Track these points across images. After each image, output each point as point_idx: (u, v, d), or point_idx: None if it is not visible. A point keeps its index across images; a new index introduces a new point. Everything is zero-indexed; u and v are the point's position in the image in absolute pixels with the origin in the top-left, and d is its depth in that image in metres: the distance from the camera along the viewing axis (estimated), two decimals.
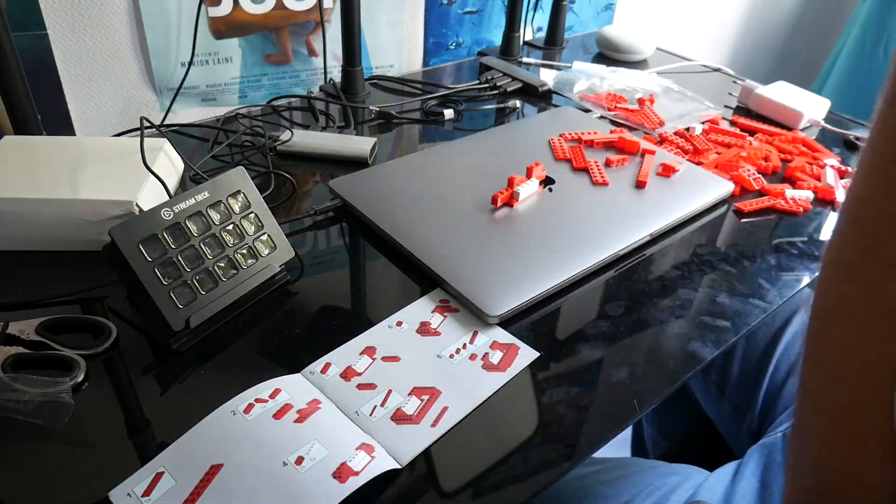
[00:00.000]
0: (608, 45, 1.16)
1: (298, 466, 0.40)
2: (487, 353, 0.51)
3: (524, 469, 0.44)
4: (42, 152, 0.64)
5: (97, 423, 0.45)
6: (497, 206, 0.66)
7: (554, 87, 0.98)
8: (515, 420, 0.47)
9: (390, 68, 1.07)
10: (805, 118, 0.90)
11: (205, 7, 0.85)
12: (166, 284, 0.50)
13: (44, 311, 0.52)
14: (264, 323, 0.54)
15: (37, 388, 0.44)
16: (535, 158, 0.73)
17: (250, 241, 0.56)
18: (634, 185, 0.72)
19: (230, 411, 0.44)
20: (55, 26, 0.77)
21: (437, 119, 0.89)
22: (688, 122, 0.89)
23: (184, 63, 0.86)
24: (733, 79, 1.09)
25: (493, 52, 1.14)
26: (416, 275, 0.60)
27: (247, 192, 0.57)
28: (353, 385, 0.48)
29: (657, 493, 0.58)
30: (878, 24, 1.57)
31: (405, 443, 0.44)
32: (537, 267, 0.58)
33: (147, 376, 0.49)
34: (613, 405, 0.50)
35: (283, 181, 0.73)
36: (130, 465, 0.41)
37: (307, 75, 0.99)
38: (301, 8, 0.92)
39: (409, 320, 0.54)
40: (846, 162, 0.83)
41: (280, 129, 0.80)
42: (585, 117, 0.88)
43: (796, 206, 0.72)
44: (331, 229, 0.67)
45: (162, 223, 0.51)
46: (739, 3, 1.72)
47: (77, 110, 0.83)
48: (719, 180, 0.74)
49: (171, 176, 0.66)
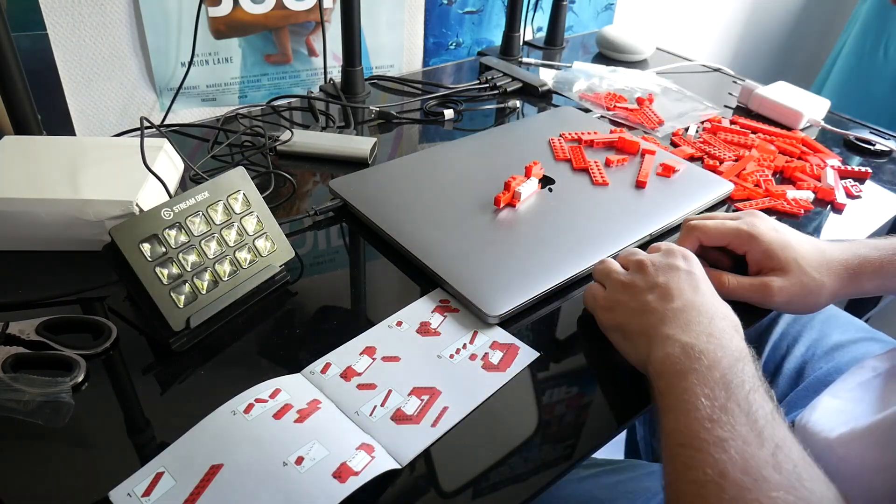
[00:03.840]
0: (608, 45, 1.16)
1: (298, 466, 0.40)
2: (487, 353, 0.51)
3: (524, 469, 0.44)
4: (42, 152, 0.64)
5: (97, 423, 0.45)
6: (500, 206, 0.66)
7: (554, 87, 0.98)
8: (515, 420, 0.47)
9: (390, 68, 1.07)
10: (805, 118, 0.90)
11: (205, 7, 0.85)
12: (166, 284, 0.50)
13: (44, 311, 0.52)
14: (264, 323, 0.54)
15: (37, 388, 0.44)
16: (535, 158, 0.73)
17: (250, 241, 0.56)
18: (634, 186, 0.72)
19: (230, 411, 0.44)
20: (55, 26, 0.77)
21: (437, 119, 0.89)
22: (687, 122, 0.89)
23: (184, 63, 0.86)
24: (733, 79, 1.09)
25: (493, 52, 1.14)
26: (416, 275, 0.60)
27: (247, 192, 0.57)
28: (353, 385, 0.48)
29: (655, 499, 0.58)
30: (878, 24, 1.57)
31: (405, 443, 0.44)
32: (537, 267, 0.58)
33: (147, 376, 0.49)
34: (613, 405, 0.50)
35: (283, 181, 0.73)
36: (130, 465, 0.41)
37: (307, 75, 0.99)
38: (301, 8, 0.92)
39: (409, 320, 0.54)
40: (846, 162, 0.83)
41: (280, 129, 0.80)
42: (585, 117, 0.88)
43: (797, 207, 0.72)
44: (331, 229, 0.67)
45: (162, 223, 0.51)
46: (739, 3, 1.72)
47: (77, 110, 0.83)
48: (719, 180, 0.74)
49: (171, 176, 0.66)
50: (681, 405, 0.39)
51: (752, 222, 0.56)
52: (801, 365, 0.70)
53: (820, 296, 0.54)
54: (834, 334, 0.72)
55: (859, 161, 0.85)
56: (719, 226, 0.56)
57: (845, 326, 0.74)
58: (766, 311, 0.56)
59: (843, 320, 0.75)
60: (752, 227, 0.55)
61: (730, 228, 0.56)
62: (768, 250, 0.54)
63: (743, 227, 0.55)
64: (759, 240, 0.54)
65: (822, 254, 0.54)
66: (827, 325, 0.74)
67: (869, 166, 0.82)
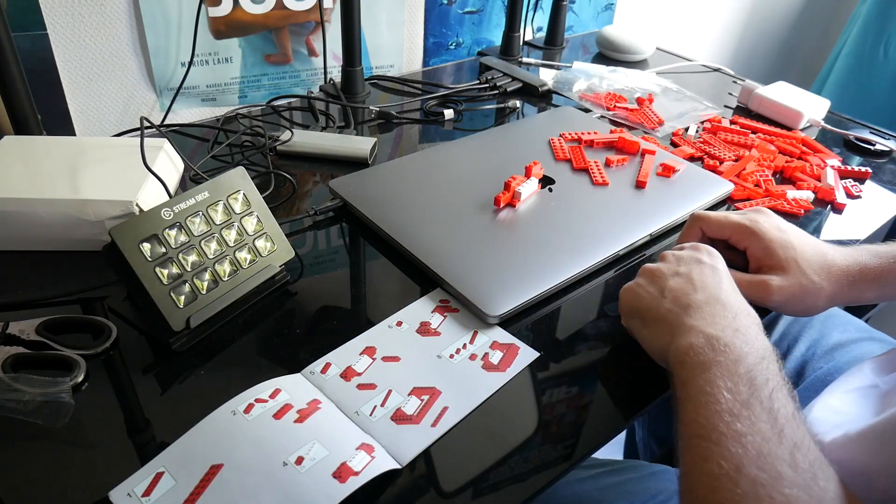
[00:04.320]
0: (608, 45, 1.16)
1: (298, 466, 0.40)
2: (487, 353, 0.51)
3: (524, 469, 0.44)
4: (42, 152, 0.64)
5: (97, 423, 0.45)
6: (500, 206, 0.66)
7: (554, 87, 0.98)
8: (515, 420, 0.47)
9: (390, 68, 1.07)
10: (805, 118, 0.90)
11: (205, 7, 0.85)
12: (166, 284, 0.50)
13: (44, 311, 0.52)
14: (264, 323, 0.54)
15: (37, 388, 0.44)
16: (535, 158, 0.73)
17: (250, 241, 0.56)
18: (634, 186, 0.72)
19: (230, 411, 0.44)
20: (55, 26, 0.77)
21: (437, 119, 0.89)
22: (686, 122, 0.89)
23: (184, 63, 0.86)
24: (733, 79, 1.09)
25: (493, 52, 1.14)
26: (416, 275, 0.60)
27: (247, 192, 0.57)
28: (353, 385, 0.48)
29: (655, 499, 0.58)
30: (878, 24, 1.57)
31: (405, 443, 0.44)
32: (537, 267, 0.58)
33: (147, 376, 0.49)
34: (613, 405, 0.50)
35: (283, 181, 0.73)
36: (130, 465, 0.41)
37: (307, 75, 0.99)
38: (301, 8, 0.92)
39: (409, 320, 0.54)
40: (846, 162, 0.83)
41: (280, 129, 0.80)
42: (585, 117, 0.88)
43: (797, 208, 0.72)
44: (331, 229, 0.67)
45: (162, 223, 0.51)
46: (739, 3, 1.72)
47: (77, 110, 0.83)
48: (719, 180, 0.74)
49: (171, 176, 0.66)
50: (701, 396, 0.39)
51: (754, 218, 0.55)
52: (801, 364, 0.70)
53: (818, 299, 0.53)
54: (834, 334, 0.72)
55: (859, 161, 0.85)
56: (721, 218, 0.56)
57: (845, 326, 0.74)
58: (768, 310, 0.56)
59: (843, 320, 0.76)
60: (755, 223, 0.55)
61: (732, 222, 0.56)
62: (769, 248, 0.53)
63: (745, 222, 0.55)
64: (760, 236, 0.54)
65: (823, 257, 0.54)
66: (827, 324, 0.74)
67: (869, 166, 0.82)
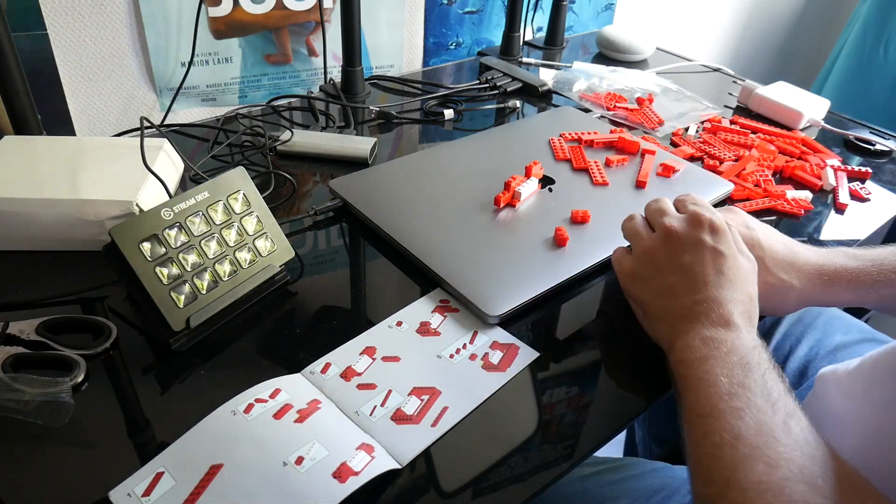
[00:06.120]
0: (608, 45, 1.16)
1: (298, 466, 0.40)
2: (487, 353, 0.51)
3: (524, 469, 0.44)
4: (42, 152, 0.64)
5: (97, 423, 0.45)
6: (500, 206, 0.66)
7: (554, 87, 0.98)
8: (515, 420, 0.47)
9: (390, 68, 1.07)
10: (805, 118, 0.90)
11: (205, 7, 0.85)
12: (166, 284, 0.50)
13: (44, 311, 0.52)
14: (264, 323, 0.54)
15: (37, 388, 0.44)
16: (535, 158, 0.73)
17: (250, 241, 0.56)
18: (634, 186, 0.72)
19: (230, 411, 0.44)
20: (55, 26, 0.77)
21: (437, 119, 0.89)
22: (686, 122, 0.89)
23: (184, 63, 0.86)
24: (733, 79, 1.09)
25: (493, 52, 1.14)
26: (416, 275, 0.60)
27: (247, 192, 0.57)
28: (353, 385, 0.48)
29: (656, 496, 0.58)
30: (878, 24, 1.58)
31: (405, 443, 0.44)
32: (537, 267, 0.58)
33: (147, 376, 0.49)
34: (613, 405, 0.50)
35: (283, 181, 0.73)
36: (130, 465, 0.41)
37: (307, 75, 0.99)
38: (301, 8, 0.92)
39: (409, 320, 0.54)
40: (846, 162, 0.83)
41: (280, 129, 0.80)
42: (585, 117, 0.88)
43: (797, 208, 0.72)
44: (331, 229, 0.67)
45: (162, 223, 0.51)
46: (739, 4, 1.72)
47: (77, 110, 0.83)
48: (719, 180, 0.74)
49: (171, 176, 0.66)
50: (701, 384, 0.42)
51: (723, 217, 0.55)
52: (804, 364, 0.70)
53: (787, 297, 0.53)
54: (836, 335, 0.72)
55: (859, 161, 0.85)
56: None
57: (847, 328, 0.74)
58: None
59: (845, 322, 0.76)
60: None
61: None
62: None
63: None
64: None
65: (793, 255, 0.53)
66: (829, 326, 0.74)
67: (869, 166, 0.82)
